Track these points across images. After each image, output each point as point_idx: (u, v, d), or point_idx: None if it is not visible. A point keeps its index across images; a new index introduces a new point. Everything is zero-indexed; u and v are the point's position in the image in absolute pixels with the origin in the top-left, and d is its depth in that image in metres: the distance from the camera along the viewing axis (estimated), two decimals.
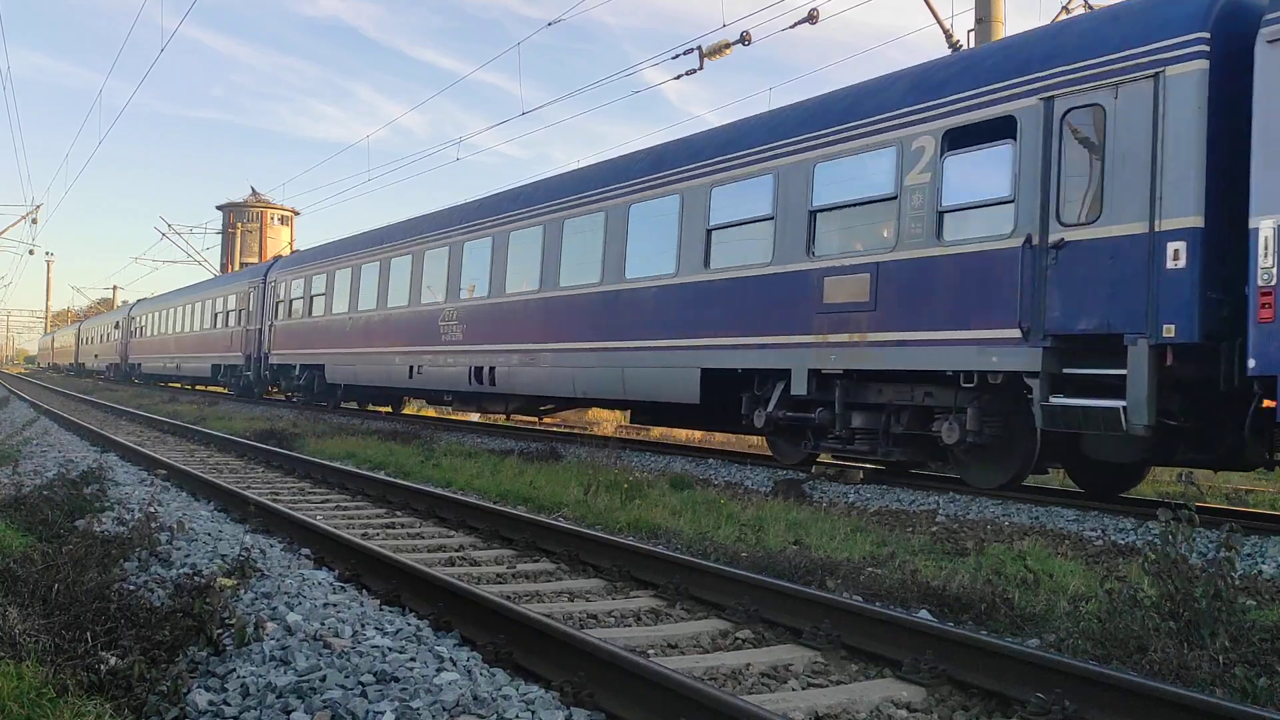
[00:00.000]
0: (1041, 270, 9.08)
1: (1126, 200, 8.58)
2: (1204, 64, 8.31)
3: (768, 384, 12.15)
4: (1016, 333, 9.15)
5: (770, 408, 11.93)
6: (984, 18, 15.19)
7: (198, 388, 42.70)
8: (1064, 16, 14.98)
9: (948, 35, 15.99)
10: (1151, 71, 8.55)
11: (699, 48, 17.71)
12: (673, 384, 13.29)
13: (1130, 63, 8.73)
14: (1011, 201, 9.42)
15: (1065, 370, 9.03)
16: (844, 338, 10.94)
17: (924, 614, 5.35)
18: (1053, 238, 9.03)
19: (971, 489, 10.57)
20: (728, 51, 17.56)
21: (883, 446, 11.03)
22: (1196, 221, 8.18)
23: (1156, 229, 8.33)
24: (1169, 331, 8.21)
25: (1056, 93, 9.23)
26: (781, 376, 11.80)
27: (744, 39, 17.32)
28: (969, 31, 15.47)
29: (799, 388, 11.43)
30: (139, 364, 45.88)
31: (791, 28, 16.97)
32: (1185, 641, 4.51)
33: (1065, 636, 4.92)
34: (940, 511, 9.42)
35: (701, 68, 17.74)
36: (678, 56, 18.07)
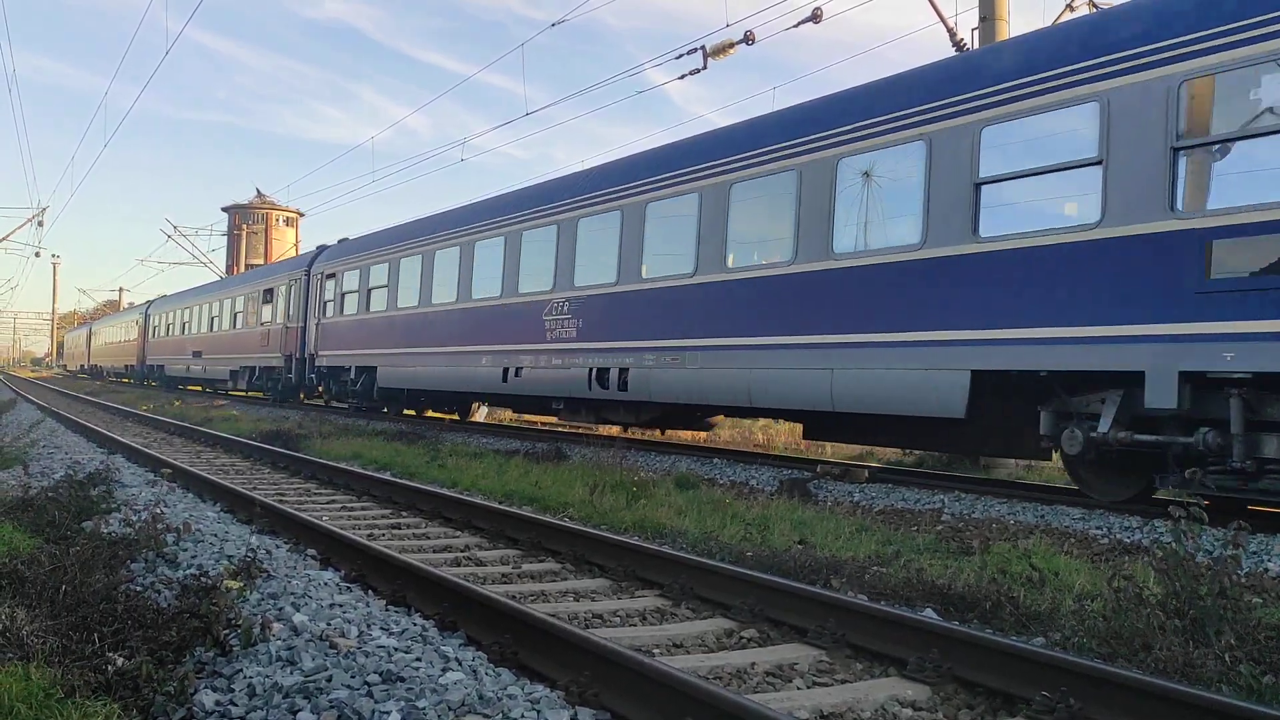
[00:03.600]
0: None
1: None
2: (305, 277, 27.39)
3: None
4: None
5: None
6: (988, 16, 15.16)
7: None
8: (1068, 15, 14.96)
9: (952, 34, 15.96)
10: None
11: (703, 47, 17.72)
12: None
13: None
14: None
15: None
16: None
17: (929, 613, 5.35)
18: None
19: (976, 489, 10.57)
20: (732, 51, 17.57)
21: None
22: None
23: None
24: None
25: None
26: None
27: (748, 38, 17.32)
28: (973, 30, 15.44)
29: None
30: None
31: (795, 27, 16.98)
32: (1191, 639, 4.51)
33: (1070, 635, 4.92)
34: (945, 510, 9.41)
35: (705, 67, 17.74)
36: (681, 56, 18.08)
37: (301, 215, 67.66)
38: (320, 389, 27.28)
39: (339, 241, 27.27)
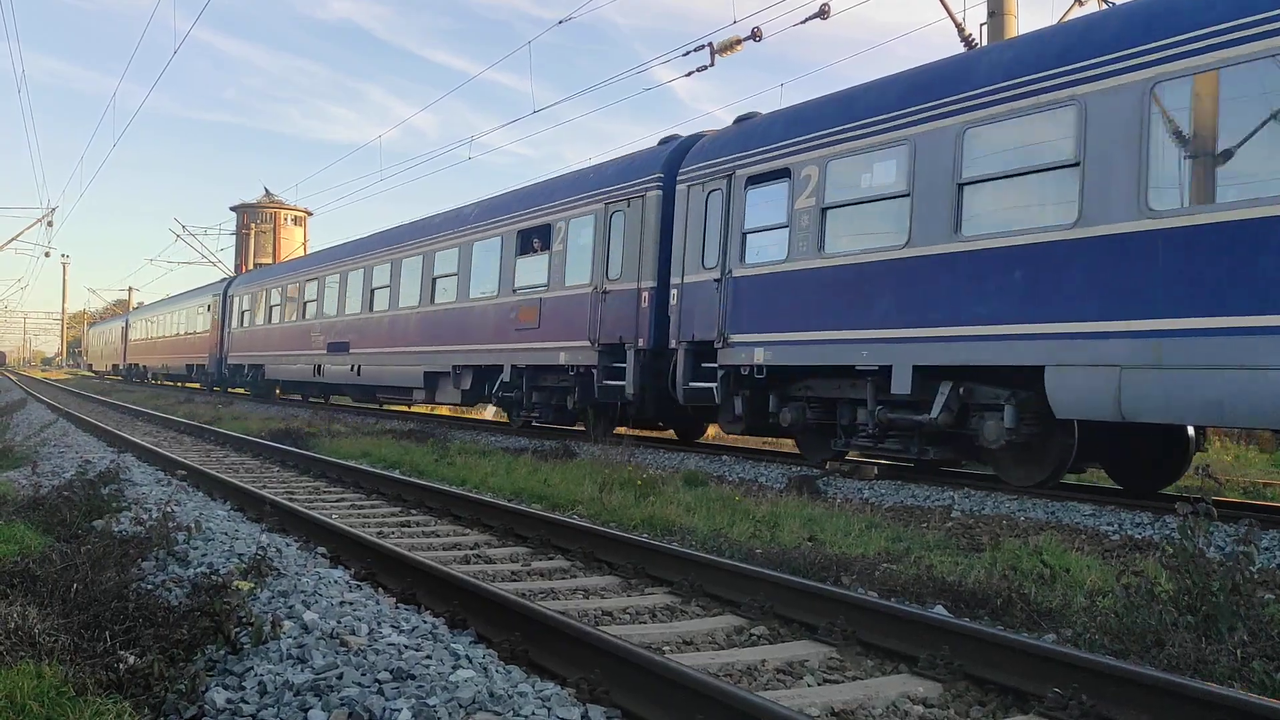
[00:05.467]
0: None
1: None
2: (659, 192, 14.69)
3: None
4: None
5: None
6: (996, 11, 15.12)
7: None
8: (1077, 11, 14.91)
9: (960, 30, 15.92)
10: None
11: (710, 44, 17.70)
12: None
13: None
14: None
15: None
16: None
17: (939, 609, 5.34)
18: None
19: (986, 485, 10.58)
20: (739, 48, 17.54)
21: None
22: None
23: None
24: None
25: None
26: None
27: (755, 35, 17.28)
28: (981, 25, 15.40)
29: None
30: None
31: (802, 23, 16.95)
32: (1203, 636, 4.49)
33: (1082, 631, 4.91)
34: (955, 507, 9.39)
35: (713, 64, 17.72)
36: (688, 53, 18.08)
37: (310, 214, 67.73)
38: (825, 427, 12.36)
39: (773, 112, 13.60)
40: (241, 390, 35.59)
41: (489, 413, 23.79)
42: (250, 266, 58.71)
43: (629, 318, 14.67)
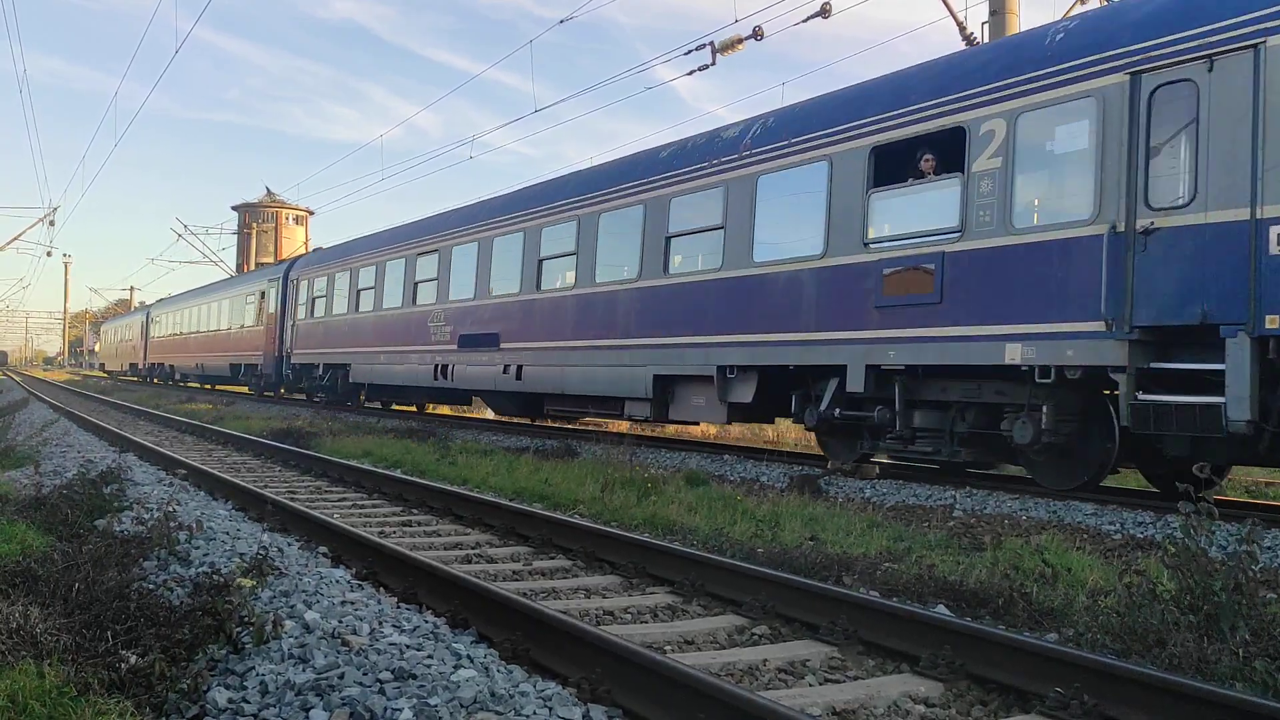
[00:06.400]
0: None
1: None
2: None
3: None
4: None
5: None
6: (998, 10, 15.12)
7: None
8: (1079, 10, 14.90)
9: (961, 28, 15.91)
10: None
11: (711, 43, 17.70)
12: None
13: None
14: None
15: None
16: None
17: (941, 609, 5.34)
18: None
19: (988, 484, 10.57)
20: (740, 47, 17.54)
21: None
22: None
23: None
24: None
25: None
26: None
27: (756, 34, 17.28)
28: (983, 24, 15.39)
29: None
30: None
31: (804, 22, 16.94)
32: (1205, 635, 4.48)
33: (1084, 631, 4.90)
34: (957, 506, 9.38)
35: (714, 63, 17.72)
36: (690, 52, 18.09)
37: (311, 214, 67.79)
38: None
39: None
40: (301, 395, 29.12)
41: (489, 412, 22.92)
42: (252, 266, 58.61)
43: (1228, 276, 7.94)
